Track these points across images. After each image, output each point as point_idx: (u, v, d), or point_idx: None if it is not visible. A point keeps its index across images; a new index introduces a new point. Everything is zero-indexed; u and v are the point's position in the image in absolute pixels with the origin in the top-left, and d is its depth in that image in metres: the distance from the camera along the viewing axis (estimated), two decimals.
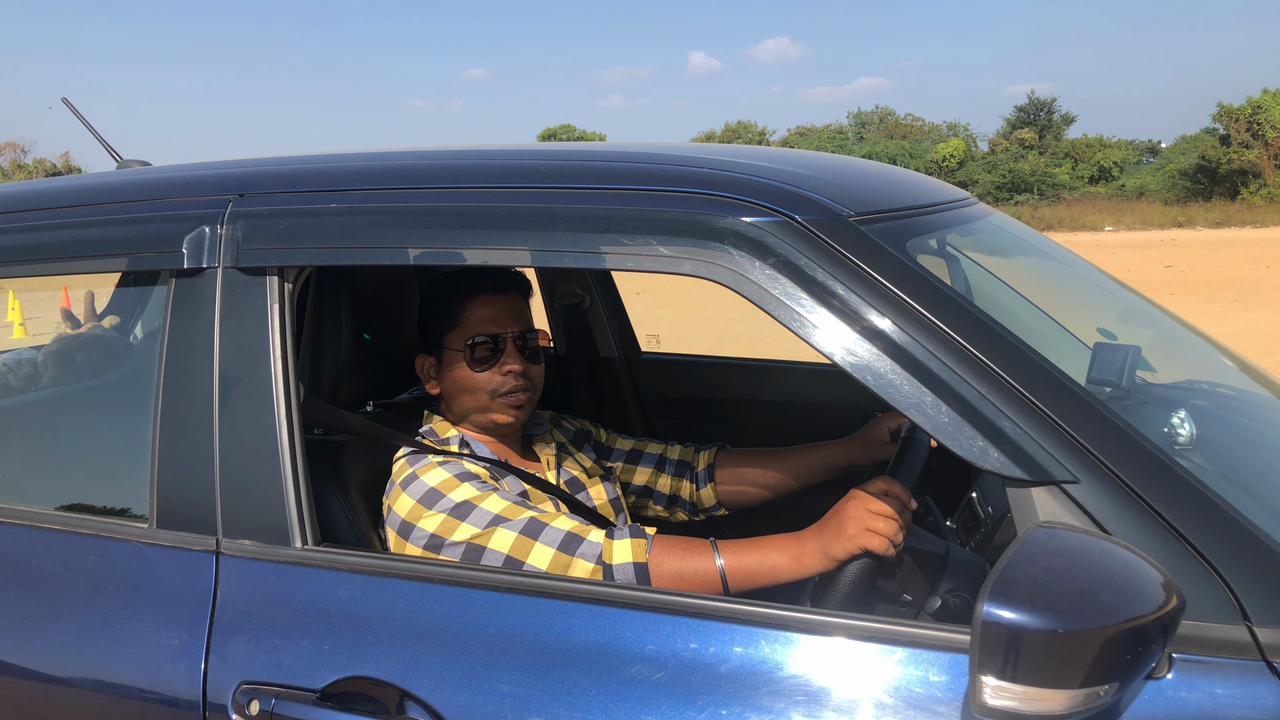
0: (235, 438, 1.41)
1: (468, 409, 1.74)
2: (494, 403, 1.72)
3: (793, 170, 1.41)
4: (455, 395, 1.74)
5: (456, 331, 1.72)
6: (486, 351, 1.71)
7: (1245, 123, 34.95)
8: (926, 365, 1.18)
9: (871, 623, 1.17)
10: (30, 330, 11.33)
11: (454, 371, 1.72)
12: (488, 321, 1.72)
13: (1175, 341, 1.96)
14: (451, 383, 1.74)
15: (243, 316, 1.44)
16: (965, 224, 1.70)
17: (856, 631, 1.15)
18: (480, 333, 1.71)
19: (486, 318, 1.72)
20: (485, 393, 1.71)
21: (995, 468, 1.13)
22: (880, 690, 1.12)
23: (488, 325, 1.72)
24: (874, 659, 1.13)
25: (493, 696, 1.22)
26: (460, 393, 1.73)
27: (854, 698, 1.12)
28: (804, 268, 1.23)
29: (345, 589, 1.34)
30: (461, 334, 1.72)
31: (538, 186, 1.38)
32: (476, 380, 1.71)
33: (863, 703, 1.11)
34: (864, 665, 1.13)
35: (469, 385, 1.72)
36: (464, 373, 1.71)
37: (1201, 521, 1.08)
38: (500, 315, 1.73)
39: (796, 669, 1.15)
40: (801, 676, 1.14)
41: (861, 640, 1.15)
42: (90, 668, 1.40)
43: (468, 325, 1.72)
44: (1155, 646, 0.97)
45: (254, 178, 1.54)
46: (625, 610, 1.24)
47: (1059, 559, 0.98)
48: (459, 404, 1.75)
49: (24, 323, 11.62)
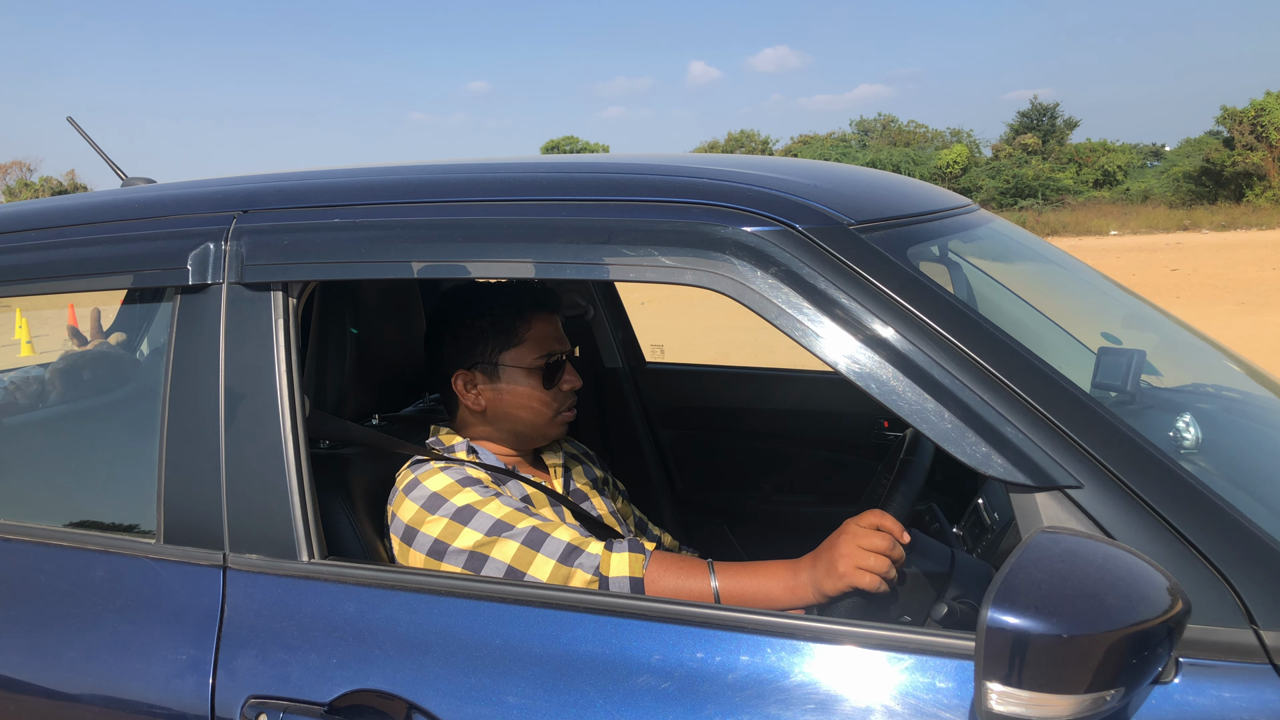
0: (241, 452, 1.42)
1: (519, 425, 1.76)
2: (554, 419, 1.77)
3: (792, 179, 1.42)
4: (509, 410, 1.75)
5: (520, 349, 1.73)
6: (553, 370, 1.75)
7: (1249, 125, 34.91)
8: (929, 372, 1.18)
9: (878, 630, 1.16)
10: (38, 348, 11.37)
11: (516, 388, 1.73)
12: (553, 340, 1.76)
13: (1179, 345, 1.96)
14: (512, 397, 1.74)
15: (247, 332, 1.45)
16: (966, 230, 1.70)
17: (863, 639, 1.15)
18: (551, 351, 1.75)
19: (551, 336, 1.76)
20: (550, 410, 1.75)
21: (999, 474, 1.13)
22: (887, 698, 1.11)
23: (553, 344, 1.76)
24: (881, 666, 1.13)
25: (500, 708, 1.22)
26: (518, 409, 1.74)
27: (861, 705, 1.12)
28: (805, 276, 1.24)
29: (352, 602, 1.34)
30: (528, 352, 1.74)
31: (539, 199, 1.39)
32: (545, 396, 1.74)
33: (870, 710, 1.11)
34: (871, 673, 1.13)
35: (533, 402, 1.74)
36: (531, 390, 1.74)
37: (1206, 525, 1.08)
38: (560, 334, 1.78)
39: (803, 677, 1.15)
40: (809, 684, 1.14)
41: (868, 648, 1.15)
42: (99, 683, 1.40)
43: (535, 343, 1.74)
44: (1161, 651, 0.97)
45: (257, 194, 1.55)
46: (631, 620, 1.24)
47: (1063, 564, 0.98)
48: (510, 419, 1.75)
49: (31, 340, 11.66)
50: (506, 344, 1.74)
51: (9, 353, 10.96)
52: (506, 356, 1.74)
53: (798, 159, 2.00)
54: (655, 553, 1.51)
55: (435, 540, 1.52)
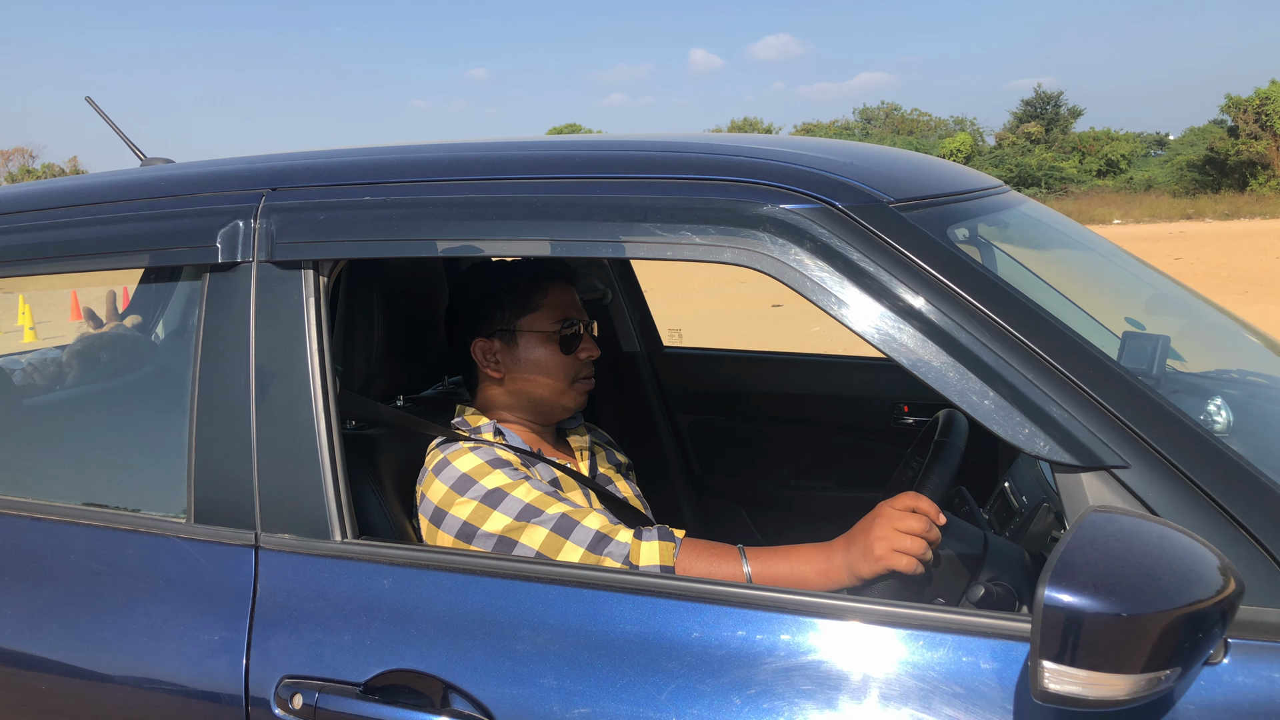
0: (273, 432, 1.41)
1: (538, 393, 1.74)
2: (572, 387, 1.75)
3: (830, 158, 1.40)
4: (527, 377, 1.74)
5: (538, 314, 1.73)
6: (573, 335, 1.74)
7: (1254, 114, 34.81)
8: (972, 351, 1.17)
9: (918, 610, 1.16)
10: (41, 334, 11.36)
11: (533, 354, 1.73)
12: (571, 307, 1.76)
13: (1206, 328, 1.95)
14: (529, 365, 1.73)
15: (278, 310, 1.44)
16: (1001, 211, 1.70)
17: (905, 620, 1.15)
18: (570, 316, 1.74)
19: (569, 303, 1.76)
20: (567, 376, 1.74)
21: (1044, 453, 1.12)
22: (930, 678, 1.11)
23: (571, 311, 1.76)
24: (924, 647, 1.13)
25: (537, 689, 1.22)
26: (536, 375, 1.73)
27: (904, 685, 1.11)
28: (845, 254, 1.23)
29: (387, 582, 1.33)
30: (547, 317, 1.73)
31: (573, 177, 1.38)
32: (562, 363, 1.73)
33: (913, 690, 1.10)
34: (911, 653, 1.13)
35: (551, 368, 1.73)
36: (548, 355, 1.73)
37: (1255, 505, 1.07)
38: (577, 303, 1.78)
39: (845, 657, 1.14)
40: (851, 664, 1.14)
41: (909, 629, 1.14)
42: (131, 663, 1.39)
43: (553, 309, 1.74)
44: (1216, 630, 0.96)
45: (286, 172, 1.54)
46: (669, 600, 1.23)
47: (1118, 543, 0.97)
48: (528, 387, 1.74)
49: (34, 326, 11.66)
50: (524, 310, 1.73)
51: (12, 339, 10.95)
52: (524, 322, 1.73)
53: (832, 139, 1.99)
54: (686, 540, 1.50)
55: (464, 523, 1.51)
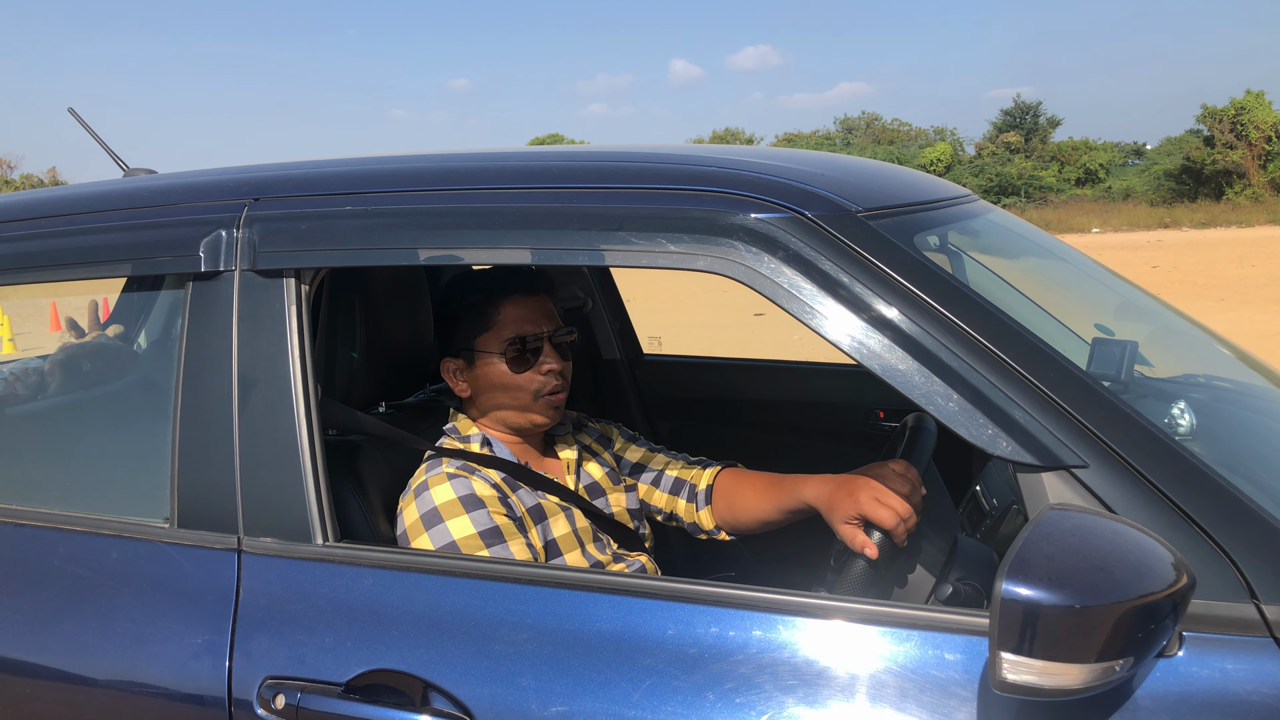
0: (255, 437, 1.43)
1: (504, 410, 1.73)
2: (536, 403, 1.72)
3: (801, 168, 1.44)
4: (490, 396, 1.73)
5: (491, 334, 1.71)
6: (523, 352, 1.70)
7: (1229, 124, 35.21)
8: (937, 355, 1.20)
9: (888, 607, 1.19)
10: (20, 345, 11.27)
11: (489, 373, 1.71)
12: (524, 322, 1.72)
13: (1173, 335, 2.00)
14: (487, 384, 1.72)
15: (260, 318, 1.46)
16: (968, 220, 1.73)
17: (875, 617, 1.18)
18: (518, 333, 1.70)
19: (523, 318, 1.72)
20: (527, 393, 1.71)
21: (1006, 454, 1.16)
22: (899, 671, 1.14)
23: (525, 326, 1.71)
24: (891, 642, 1.16)
25: (516, 688, 1.24)
26: (496, 393, 1.72)
27: (873, 679, 1.14)
28: (815, 262, 1.26)
29: (367, 583, 1.36)
30: (497, 335, 1.71)
31: (551, 187, 1.41)
32: (517, 381, 1.70)
33: (882, 683, 1.14)
34: (881, 648, 1.16)
35: (508, 386, 1.71)
36: (501, 374, 1.70)
37: (1209, 503, 1.11)
38: (535, 315, 1.73)
39: (815, 652, 1.17)
40: (821, 660, 1.17)
41: (879, 625, 1.17)
42: (115, 667, 1.41)
43: (503, 326, 1.71)
44: (1168, 622, 0.99)
45: (269, 182, 1.56)
46: (645, 599, 1.26)
47: (1073, 538, 1.00)
48: (493, 404, 1.73)
49: (13, 338, 11.57)
50: (478, 329, 1.72)
51: None
52: (479, 342, 1.72)
53: (804, 150, 2.03)
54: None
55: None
